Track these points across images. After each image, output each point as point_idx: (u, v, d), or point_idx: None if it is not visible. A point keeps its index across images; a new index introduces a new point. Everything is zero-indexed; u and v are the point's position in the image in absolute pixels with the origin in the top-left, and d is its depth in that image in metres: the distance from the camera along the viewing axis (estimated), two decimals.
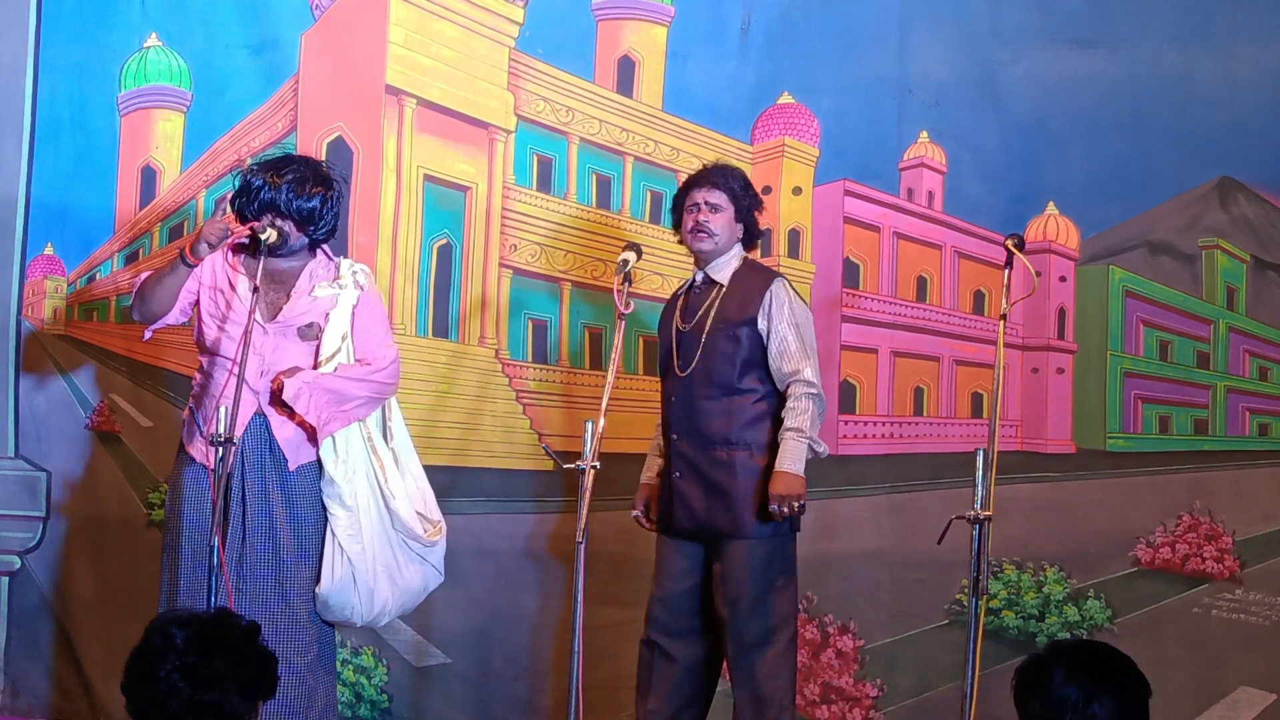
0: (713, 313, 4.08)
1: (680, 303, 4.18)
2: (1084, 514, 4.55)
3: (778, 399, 4.06)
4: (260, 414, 3.98)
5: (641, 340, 4.84)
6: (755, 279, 4.12)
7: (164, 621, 2.61)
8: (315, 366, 4.01)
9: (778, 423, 4.03)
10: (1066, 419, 4.59)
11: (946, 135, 4.65)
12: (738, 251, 4.17)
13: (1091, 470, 4.56)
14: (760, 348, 4.05)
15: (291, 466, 3.98)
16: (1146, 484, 4.52)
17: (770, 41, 4.75)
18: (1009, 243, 3.82)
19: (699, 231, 4.09)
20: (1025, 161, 4.57)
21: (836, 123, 4.73)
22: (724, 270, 4.13)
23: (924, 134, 4.67)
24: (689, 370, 4.06)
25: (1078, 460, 4.58)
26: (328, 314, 4.05)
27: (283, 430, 3.98)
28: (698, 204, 4.11)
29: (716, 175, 4.16)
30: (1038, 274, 4.35)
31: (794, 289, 4.14)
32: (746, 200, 4.15)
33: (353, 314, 4.08)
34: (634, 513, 4.22)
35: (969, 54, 4.62)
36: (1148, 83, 4.47)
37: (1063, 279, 4.62)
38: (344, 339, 4.05)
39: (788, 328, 4.04)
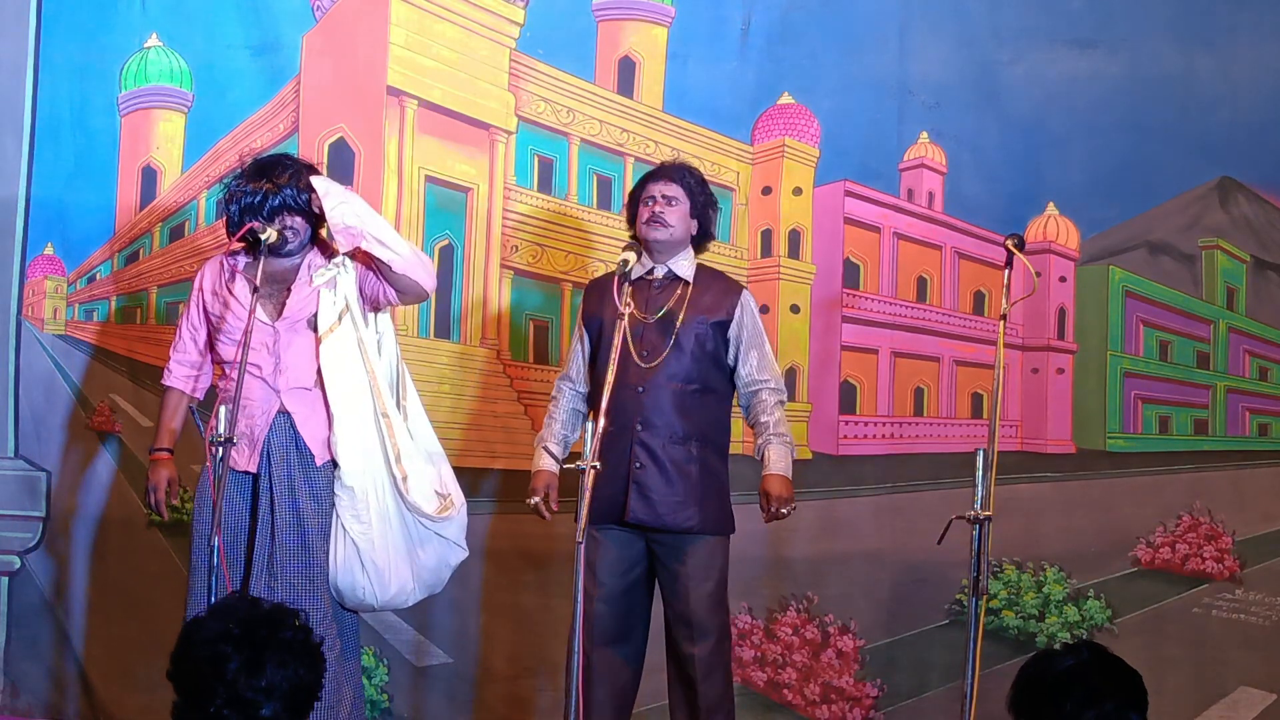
0: (684, 307, 4.06)
1: (630, 292, 4.03)
2: (1084, 514, 4.55)
3: (730, 403, 4.14)
4: (284, 411, 3.99)
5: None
6: (722, 283, 4.15)
7: (213, 635, 2.52)
8: (318, 344, 4.01)
9: (729, 426, 4.12)
10: (1066, 419, 4.60)
11: (946, 136, 4.65)
12: (689, 252, 4.15)
13: (1091, 470, 4.57)
14: (722, 350, 4.09)
15: (318, 462, 3.98)
16: (1146, 484, 4.53)
17: (770, 42, 4.75)
18: (1009, 243, 3.82)
19: (654, 221, 4.08)
20: (1025, 161, 4.58)
21: (836, 123, 4.74)
22: (685, 267, 4.13)
23: (924, 134, 4.67)
24: (656, 362, 4.04)
25: (1078, 460, 4.58)
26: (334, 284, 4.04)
27: (307, 427, 3.99)
28: (654, 196, 4.11)
29: (673, 170, 4.17)
30: (1038, 274, 4.35)
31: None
32: (702, 197, 4.14)
33: (358, 283, 4.05)
34: (534, 500, 4.11)
35: (969, 54, 4.63)
36: (1148, 83, 4.48)
37: (1063, 279, 4.62)
38: (341, 316, 4.02)
39: (760, 337, 4.12)
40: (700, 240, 4.18)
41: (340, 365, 4.00)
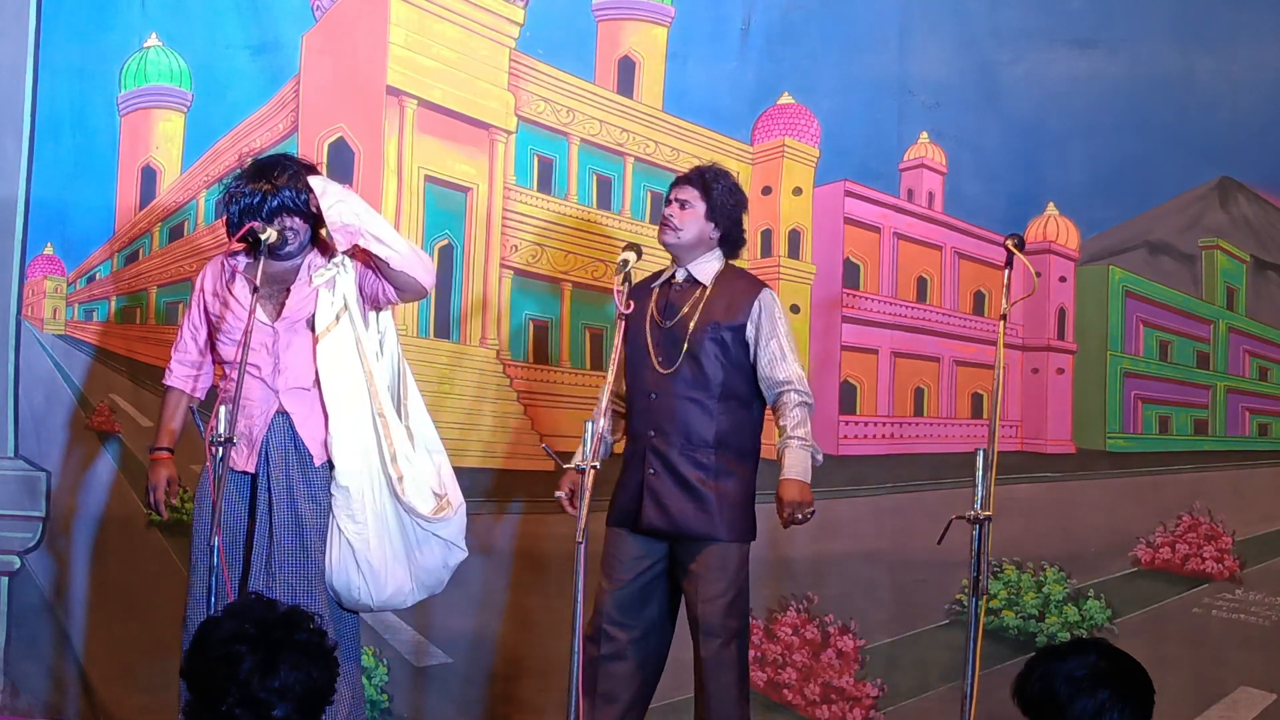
0: (698, 313, 4.05)
1: (655, 296, 4.13)
2: (1084, 514, 4.55)
3: (756, 407, 4.08)
4: (282, 412, 3.99)
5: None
6: (741, 284, 4.11)
7: (228, 635, 2.52)
8: (315, 344, 4.01)
9: (754, 431, 4.07)
10: (1066, 419, 4.60)
11: (946, 136, 4.65)
12: (717, 254, 4.13)
13: (1091, 470, 4.56)
14: (744, 353, 4.05)
15: (316, 462, 3.99)
16: (1146, 484, 4.52)
17: (770, 42, 4.75)
18: (1009, 243, 3.82)
19: (664, 225, 4.10)
20: (1025, 161, 4.57)
21: (837, 123, 4.73)
22: (706, 271, 4.10)
23: (924, 135, 4.67)
24: (671, 369, 4.05)
25: (1078, 460, 4.58)
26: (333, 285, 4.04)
27: (305, 427, 3.99)
28: (670, 200, 4.13)
29: (695, 173, 4.15)
30: (1038, 274, 4.35)
31: (778, 299, 4.13)
32: (721, 200, 4.08)
33: (357, 281, 4.05)
34: (559, 493, 4.13)
35: (969, 54, 4.62)
36: (1148, 83, 4.47)
37: (1063, 279, 4.62)
38: (339, 316, 4.02)
39: (779, 339, 4.04)
40: (729, 244, 4.13)
41: (337, 365, 4.00)
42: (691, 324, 4.04)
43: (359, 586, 3.98)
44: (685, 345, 4.03)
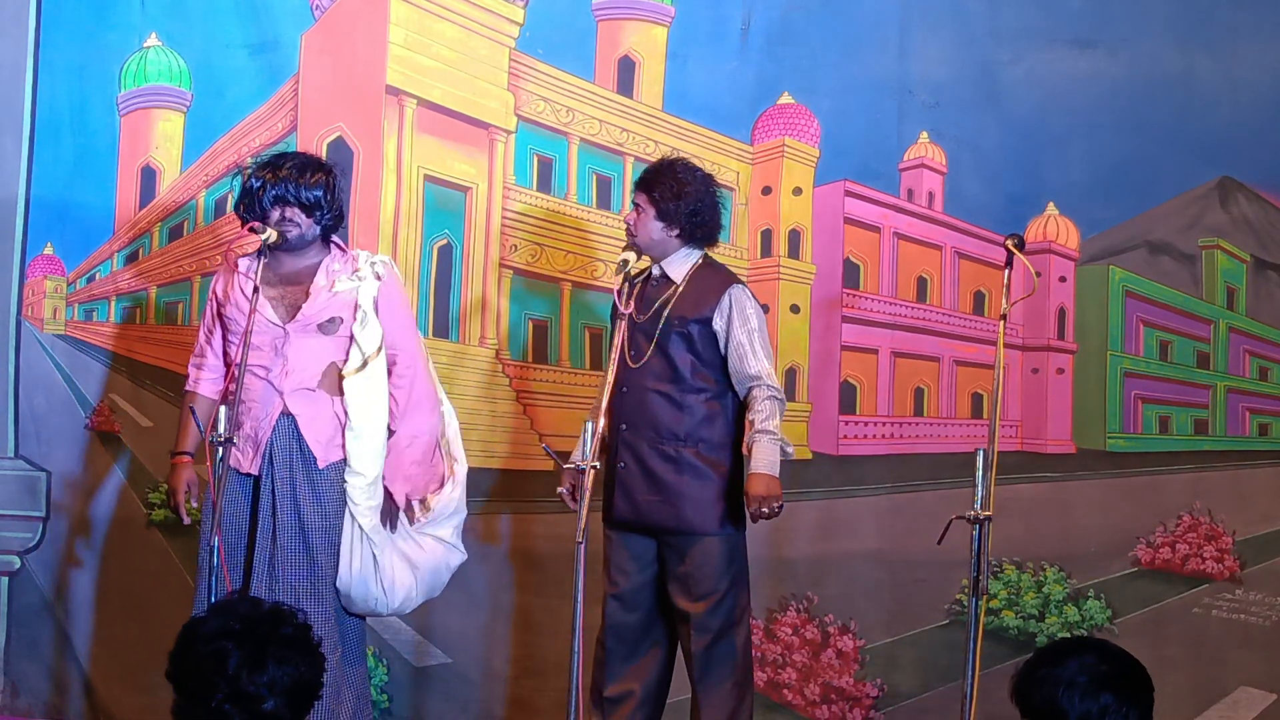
0: (668, 309, 4.05)
1: (637, 291, 4.13)
2: (1084, 514, 4.55)
3: (729, 400, 4.07)
4: (287, 413, 3.99)
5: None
6: (713, 280, 4.08)
7: (214, 632, 2.54)
8: (344, 362, 4.01)
9: (728, 423, 4.05)
10: (1066, 419, 4.59)
11: (946, 136, 4.65)
12: (687, 250, 4.10)
13: (1091, 470, 4.56)
14: (713, 347, 4.04)
15: (321, 464, 3.99)
16: (1146, 484, 4.52)
17: (770, 42, 4.75)
18: (1009, 243, 3.81)
19: (627, 230, 4.13)
20: (1025, 161, 4.57)
21: (836, 123, 4.73)
22: (677, 268, 4.09)
23: (924, 134, 4.67)
24: (641, 362, 4.05)
25: (1078, 460, 4.58)
26: (356, 305, 4.02)
27: (310, 429, 3.99)
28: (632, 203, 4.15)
29: (644, 175, 4.13)
30: (1038, 274, 4.35)
31: (752, 294, 4.11)
32: (665, 202, 4.04)
33: (375, 306, 4.07)
34: (561, 489, 4.16)
35: (969, 54, 4.62)
36: (1148, 83, 4.47)
37: (1063, 279, 4.62)
38: (367, 363, 4.02)
39: (748, 332, 4.02)
40: (695, 238, 4.10)
41: (369, 395, 4.02)
42: (661, 319, 4.05)
43: (378, 598, 4.03)
44: (654, 339, 4.04)
